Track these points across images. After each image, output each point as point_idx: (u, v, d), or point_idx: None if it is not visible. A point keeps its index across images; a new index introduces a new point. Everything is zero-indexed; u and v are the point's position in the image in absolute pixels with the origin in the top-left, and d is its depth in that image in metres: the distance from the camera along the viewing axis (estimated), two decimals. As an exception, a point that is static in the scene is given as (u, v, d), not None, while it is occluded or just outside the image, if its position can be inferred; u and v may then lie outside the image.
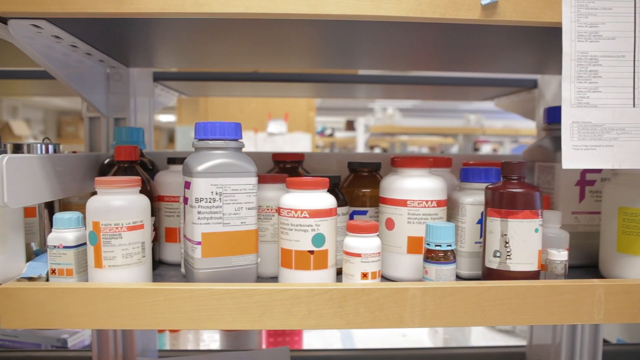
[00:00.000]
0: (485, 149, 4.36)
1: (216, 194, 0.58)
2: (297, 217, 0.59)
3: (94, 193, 0.81)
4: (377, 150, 4.16)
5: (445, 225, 0.60)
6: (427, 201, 0.66)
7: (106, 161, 0.79)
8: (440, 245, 0.60)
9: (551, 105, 0.97)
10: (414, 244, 0.66)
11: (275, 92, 1.42)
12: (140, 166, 0.73)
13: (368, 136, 3.47)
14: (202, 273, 0.59)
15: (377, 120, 3.44)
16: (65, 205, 0.79)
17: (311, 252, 0.60)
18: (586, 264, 0.73)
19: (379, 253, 0.59)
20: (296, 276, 0.60)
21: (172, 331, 1.29)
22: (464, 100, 1.35)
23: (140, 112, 0.91)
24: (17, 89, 1.75)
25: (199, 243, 0.58)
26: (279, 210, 0.62)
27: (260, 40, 0.72)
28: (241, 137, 0.61)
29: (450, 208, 0.70)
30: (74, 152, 0.80)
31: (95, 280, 0.59)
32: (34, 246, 0.72)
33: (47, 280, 0.62)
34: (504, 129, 3.35)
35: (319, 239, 0.60)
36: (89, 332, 1.29)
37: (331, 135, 4.08)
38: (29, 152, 0.71)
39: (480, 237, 0.68)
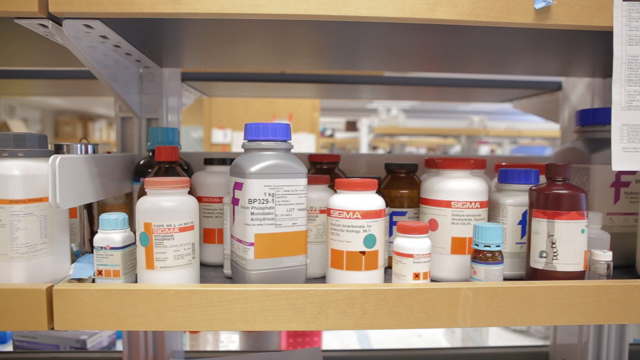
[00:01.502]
0: (484, 150, 4.39)
1: (269, 195, 0.58)
2: (349, 218, 0.60)
3: (129, 194, 0.81)
4: (380, 151, 4.18)
5: (494, 226, 0.61)
6: (471, 202, 0.66)
7: (142, 162, 0.78)
8: (489, 246, 0.61)
9: (577, 107, 0.98)
10: (457, 245, 0.67)
11: (293, 92, 1.42)
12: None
13: (372, 137, 3.47)
14: (255, 274, 0.59)
15: (382, 121, 3.45)
16: (101, 206, 0.78)
17: (363, 252, 0.60)
18: (622, 264, 0.74)
19: (429, 254, 0.60)
20: (347, 277, 0.60)
21: (191, 332, 1.28)
22: (479, 102, 1.37)
23: (170, 113, 0.91)
24: (14, 88, 1.74)
25: (252, 244, 0.58)
26: (328, 211, 0.62)
27: (290, 42, 0.72)
28: (290, 138, 0.62)
29: (490, 209, 0.71)
30: (108, 152, 0.80)
31: (146, 281, 0.59)
32: (74, 247, 0.72)
33: (93, 281, 0.62)
34: (507, 130, 3.38)
35: (370, 240, 0.60)
36: (108, 334, 1.29)
37: (331, 135, 4.08)
38: (68, 152, 0.71)
39: (522, 237, 0.69)
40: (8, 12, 0.54)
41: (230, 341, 1.31)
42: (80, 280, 0.61)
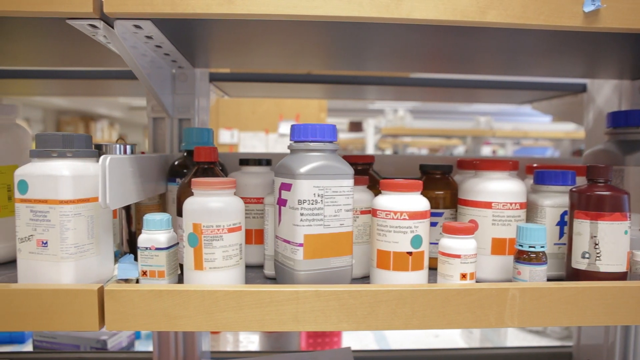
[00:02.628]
0: (486, 151, 4.41)
1: (318, 195, 0.58)
2: (397, 218, 0.60)
3: (163, 195, 0.81)
4: (387, 152, 4.19)
5: (538, 227, 0.61)
6: (511, 203, 0.67)
7: (176, 162, 0.78)
8: (534, 247, 0.61)
9: (603, 109, 0.99)
10: (498, 245, 0.67)
11: (315, 93, 1.43)
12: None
13: (379, 137, 3.48)
14: (303, 274, 0.59)
15: (389, 121, 3.46)
16: (137, 207, 0.78)
17: (410, 253, 0.60)
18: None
19: (476, 254, 0.60)
20: (394, 277, 0.61)
21: (212, 332, 1.28)
22: (497, 103, 1.37)
23: (200, 113, 0.91)
24: (17, 88, 1.73)
25: (300, 245, 0.58)
26: (374, 211, 0.62)
27: (317, 43, 0.73)
28: (337, 139, 0.62)
29: (527, 210, 0.71)
30: (143, 152, 0.80)
31: (193, 282, 0.59)
32: (113, 247, 0.72)
33: (137, 282, 0.62)
34: (513, 131, 3.40)
35: (417, 241, 0.60)
36: (127, 334, 1.28)
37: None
38: (108, 152, 0.71)
39: (559, 238, 0.69)
40: (61, 13, 0.54)
41: (250, 341, 1.31)
42: (126, 281, 0.61)
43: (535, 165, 0.84)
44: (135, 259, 0.71)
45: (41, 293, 0.54)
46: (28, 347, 1.34)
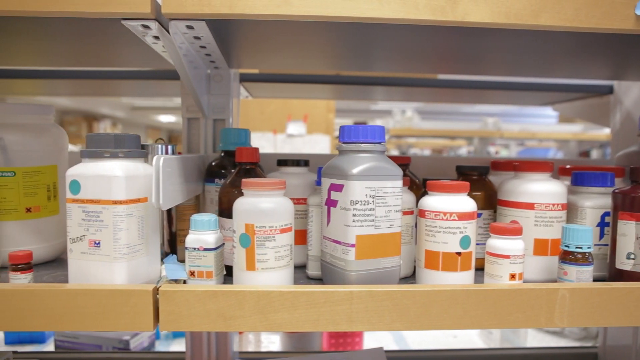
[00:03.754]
0: (489, 152, 4.43)
1: (370, 196, 0.59)
2: (446, 219, 0.60)
3: (198, 196, 0.81)
4: (394, 152, 4.20)
5: (584, 228, 0.62)
6: (553, 204, 0.67)
7: (213, 162, 0.78)
8: (580, 247, 0.62)
9: (632, 111, 0.99)
10: (540, 246, 0.68)
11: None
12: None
13: (387, 138, 3.48)
14: (355, 275, 0.59)
15: (396, 122, 3.47)
16: (175, 207, 0.78)
17: (459, 253, 0.61)
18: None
19: (524, 255, 0.61)
20: (443, 277, 0.61)
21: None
22: (516, 105, 1.38)
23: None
24: (20, 88, 1.73)
25: (352, 245, 0.59)
26: (422, 212, 0.63)
27: (348, 43, 0.73)
28: (385, 140, 0.62)
29: (567, 211, 0.72)
30: (179, 153, 0.80)
31: (245, 282, 0.59)
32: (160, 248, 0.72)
33: (184, 282, 0.62)
34: (521, 132, 3.42)
35: (466, 241, 0.61)
36: (148, 334, 1.28)
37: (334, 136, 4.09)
38: (151, 153, 0.71)
39: (600, 239, 0.70)
40: (118, 14, 0.54)
41: (270, 342, 1.31)
42: (176, 281, 0.61)
43: (568, 166, 0.85)
44: (178, 259, 0.71)
45: (96, 293, 0.55)
46: (48, 347, 1.34)
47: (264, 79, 0.97)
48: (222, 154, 0.79)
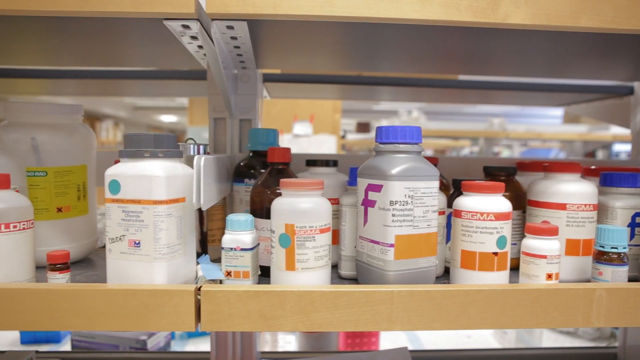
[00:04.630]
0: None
1: (409, 197, 0.59)
2: (483, 219, 0.61)
3: (225, 196, 0.81)
4: None
5: (619, 228, 0.62)
6: (585, 205, 0.68)
7: (242, 163, 0.78)
8: (616, 248, 0.62)
9: (652, 112, 1.00)
10: (572, 246, 0.68)
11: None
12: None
13: None
14: (393, 275, 0.59)
15: (403, 122, 3.47)
16: (203, 207, 0.78)
17: (495, 253, 0.61)
18: None
19: (559, 255, 0.61)
20: (480, 277, 0.61)
21: (251, 333, 1.28)
22: (529, 105, 1.39)
23: (255, 114, 0.91)
24: (24, 88, 1.73)
25: (391, 245, 0.59)
26: (458, 212, 0.63)
27: (370, 43, 0.74)
28: (422, 141, 0.62)
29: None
30: (207, 153, 0.80)
31: (284, 282, 0.60)
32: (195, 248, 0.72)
33: (221, 282, 0.62)
34: (526, 132, 3.43)
35: (502, 241, 0.61)
36: (164, 334, 1.28)
37: (343, 137, 4.09)
38: (184, 152, 0.71)
39: (631, 239, 0.70)
40: (161, 14, 0.54)
41: (286, 342, 1.31)
42: (212, 281, 0.61)
43: (593, 167, 0.85)
44: (211, 259, 0.71)
45: (138, 293, 0.54)
46: (64, 346, 1.33)
47: (285, 79, 0.98)
48: (251, 154, 0.79)
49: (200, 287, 0.56)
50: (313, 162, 0.78)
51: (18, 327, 0.55)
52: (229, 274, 0.62)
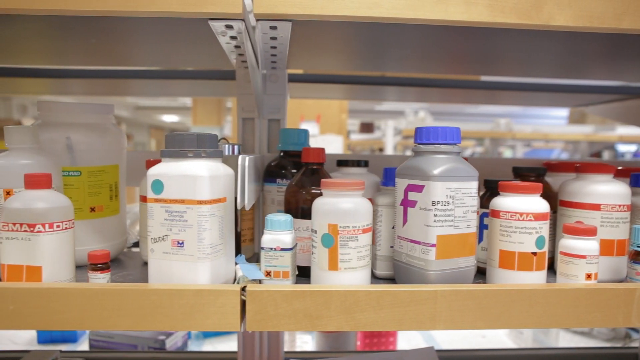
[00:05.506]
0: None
1: (450, 197, 0.59)
2: (523, 220, 0.61)
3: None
4: (408, 153, 4.21)
5: (656, 228, 0.63)
6: (619, 205, 0.68)
7: (273, 163, 0.79)
8: (653, 248, 0.63)
9: (674, 113, 1.01)
10: (606, 246, 0.69)
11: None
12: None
13: (399, 139, 3.50)
14: (435, 274, 0.60)
15: (409, 123, 3.48)
16: (235, 207, 0.78)
17: (534, 253, 0.61)
18: None
19: (598, 255, 0.62)
20: (518, 277, 0.62)
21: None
22: (548, 106, 1.40)
23: (281, 114, 0.91)
24: (27, 87, 1.73)
25: (433, 245, 0.59)
26: (496, 212, 0.63)
27: (395, 44, 0.74)
28: (461, 142, 0.63)
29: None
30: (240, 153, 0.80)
31: (325, 282, 0.60)
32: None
33: (260, 282, 0.62)
34: (533, 133, 3.44)
35: (541, 241, 0.62)
36: (182, 334, 1.28)
37: (347, 137, 4.10)
38: (218, 153, 0.71)
39: (662, 239, 0.71)
40: (208, 14, 0.54)
41: (303, 342, 1.31)
42: (254, 281, 0.61)
43: (620, 168, 0.86)
44: (246, 259, 0.71)
45: (184, 293, 0.55)
46: (81, 346, 1.33)
47: (309, 79, 0.98)
48: (281, 154, 0.79)
49: (245, 287, 0.56)
50: (344, 162, 0.78)
51: (64, 326, 0.55)
52: (268, 273, 0.62)
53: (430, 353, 0.89)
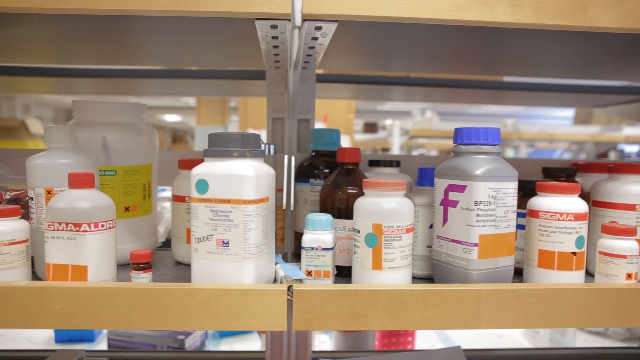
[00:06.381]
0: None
1: (491, 197, 0.60)
2: (563, 220, 0.61)
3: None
4: (415, 153, 4.22)
5: (693, 228, 0.64)
6: (654, 205, 0.69)
7: (305, 162, 0.79)
8: (690, 248, 0.63)
9: (696, 114, 1.01)
10: (640, 246, 0.69)
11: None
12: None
13: (405, 139, 3.51)
14: (476, 274, 0.60)
15: (416, 123, 3.49)
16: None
17: (574, 253, 0.62)
18: None
19: (639, 255, 0.62)
20: (558, 277, 0.62)
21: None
22: (566, 107, 1.41)
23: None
24: (31, 86, 1.72)
25: (475, 245, 0.60)
26: (534, 212, 0.64)
27: (421, 44, 0.75)
28: (500, 142, 0.63)
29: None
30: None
31: (369, 281, 0.60)
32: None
33: (301, 281, 0.62)
34: (540, 133, 3.45)
35: (580, 241, 0.62)
36: (200, 334, 1.28)
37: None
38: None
39: (694, 239, 0.72)
40: (258, 14, 0.54)
41: (321, 341, 1.31)
42: (297, 281, 0.61)
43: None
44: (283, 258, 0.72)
45: (231, 292, 0.55)
46: (98, 345, 1.33)
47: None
48: (313, 154, 0.79)
49: (291, 286, 0.56)
50: (376, 162, 0.78)
51: (110, 325, 0.55)
52: (309, 273, 0.62)
53: (457, 352, 0.90)
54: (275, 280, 0.63)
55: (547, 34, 0.64)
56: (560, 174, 0.79)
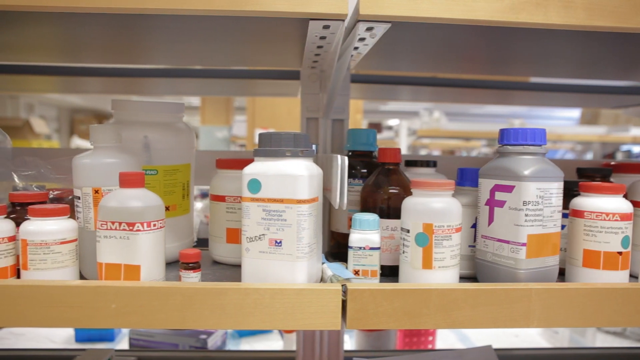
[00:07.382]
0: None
1: (539, 197, 0.60)
2: (609, 220, 0.62)
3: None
4: (422, 152, 4.23)
5: None
6: (692, 206, 0.70)
7: (342, 162, 0.79)
8: None
9: None
10: (679, 246, 0.70)
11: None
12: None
13: (413, 139, 3.52)
14: (524, 273, 0.61)
15: (424, 123, 3.50)
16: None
17: (620, 253, 0.63)
18: None
19: (682, 254, 0.63)
20: (604, 276, 0.63)
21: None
22: (587, 107, 1.41)
23: (340, 114, 0.92)
24: (35, 85, 1.71)
25: (524, 244, 0.60)
26: (579, 212, 0.64)
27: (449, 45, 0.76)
28: (546, 143, 0.64)
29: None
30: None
31: (419, 280, 0.60)
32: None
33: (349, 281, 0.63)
34: (547, 134, 3.44)
35: (626, 241, 0.63)
36: (221, 333, 1.28)
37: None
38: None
39: None
40: (315, 14, 0.54)
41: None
42: (347, 280, 0.62)
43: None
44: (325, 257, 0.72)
45: (286, 292, 0.55)
46: (119, 345, 1.32)
47: (372, 80, 0.99)
48: (349, 154, 0.80)
49: (344, 285, 0.56)
50: (413, 162, 0.79)
51: (164, 325, 0.55)
52: (357, 272, 0.63)
53: (488, 352, 0.90)
54: (322, 280, 0.63)
55: (564, 34, 0.64)
56: (595, 174, 0.80)
